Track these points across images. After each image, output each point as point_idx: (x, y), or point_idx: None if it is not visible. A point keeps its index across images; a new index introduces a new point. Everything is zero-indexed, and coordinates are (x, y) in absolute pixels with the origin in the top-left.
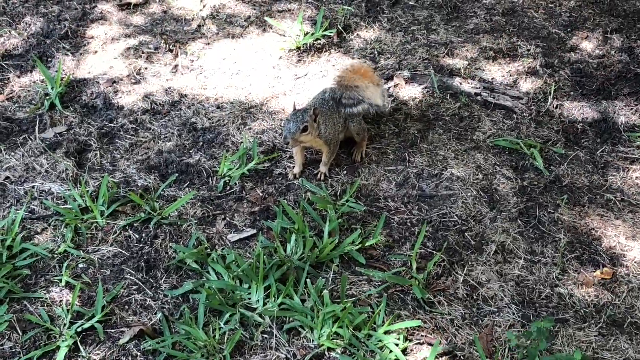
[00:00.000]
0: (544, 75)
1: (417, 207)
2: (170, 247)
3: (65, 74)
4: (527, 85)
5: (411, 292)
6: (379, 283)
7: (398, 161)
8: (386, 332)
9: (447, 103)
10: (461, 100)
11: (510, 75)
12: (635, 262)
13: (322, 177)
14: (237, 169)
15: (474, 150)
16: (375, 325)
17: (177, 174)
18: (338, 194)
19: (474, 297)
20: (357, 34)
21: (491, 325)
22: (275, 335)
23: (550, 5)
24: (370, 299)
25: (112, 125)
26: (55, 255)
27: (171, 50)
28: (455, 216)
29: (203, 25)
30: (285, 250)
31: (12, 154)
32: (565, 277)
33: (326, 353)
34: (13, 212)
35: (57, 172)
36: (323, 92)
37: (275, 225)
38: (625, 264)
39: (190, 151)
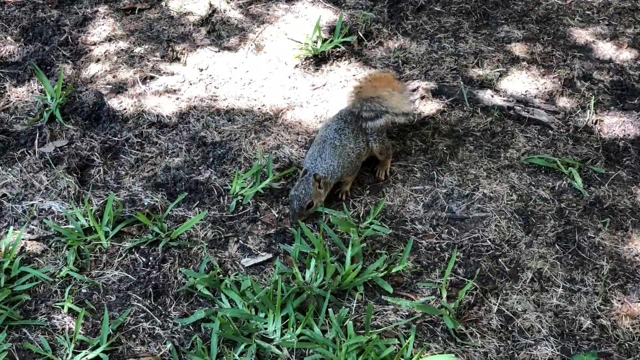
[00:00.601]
0: (582, 87)
1: (446, 230)
2: (180, 271)
3: (66, 84)
4: (563, 98)
5: (441, 322)
6: (407, 313)
7: (426, 180)
8: None
9: (478, 117)
10: (493, 114)
11: (546, 88)
12: None
13: (344, 197)
14: (250, 187)
15: (507, 168)
16: (403, 359)
17: (186, 193)
18: (361, 215)
19: (509, 328)
20: (380, 42)
21: None
22: None
23: (587, 12)
24: (397, 330)
25: (116, 139)
26: (56, 280)
27: (179, 59)
28: (488, 240)
29: (212, 32)
30: (304, 277)
31: (10, 169)
32: (608, 308)
33: None
34: (11, 233)
35: (57, 189)
36: (338, 116)
37: (293, 249)
38: None
39: (200, 168)
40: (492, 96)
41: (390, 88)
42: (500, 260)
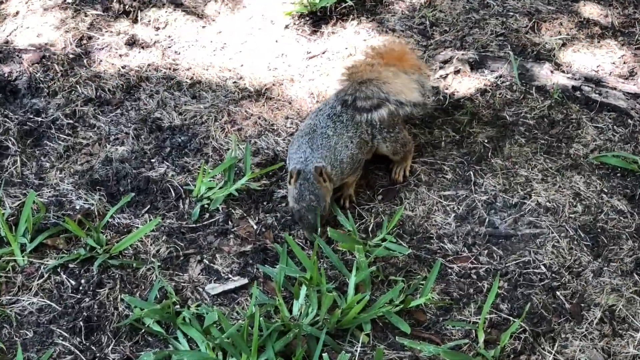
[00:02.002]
0: None
1: (486, 251)
2: (122, 300)
3: None
4: None
5: None
6: None
7: (459, 183)
8: None
9: (532, 100)
10: (553, 96)
11: (625, 63)
12: None
13: (347, 204)
14: (220, 188)
15: (570, 169)
16: None
17: (132, 194)
18: (371, 229)
19: None
20: None
21: None
22: None
23: None
24: None
25: (40, 119)
26: None
27: (127, 14)
28: (542, 266)
29: None
30: (290, 311)
31: None
32: None
33: None
34: None
35: None
36: (332, 99)
37: (277, 272)
38: None
39: (152, 160)
40: (552, 72)
41: (395, 67)
42: (558, 293)
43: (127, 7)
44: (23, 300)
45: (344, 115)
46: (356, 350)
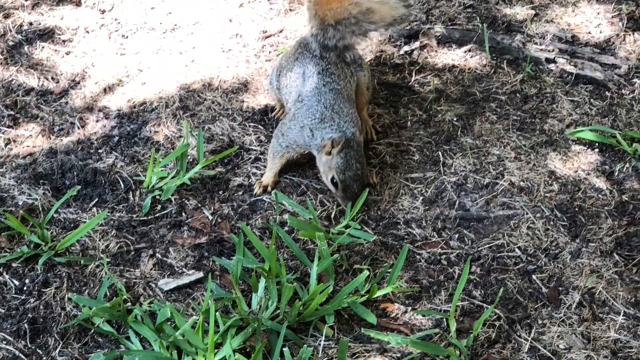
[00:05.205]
0: None
1: (457, 235)
2: (70, 299)
3: None
4: (626, 46)
5: None
6: (399, 354)
7: (427, 165)
8: None
9: (504, 75)
10: (525, 69)
11: (601, 32)
12: None
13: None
14: (172, 178)
15: (545, 146)
16: None
17: (79, 187)
18: (333, 216)
19: None
20: None
21: None
22: None
23: None
24: None
25: None
26: None
27: None
28: (516, 249)
29: None
30: (249, 304)
31: None
32: None
33: None
34: None
35: None
36: (310, 53)
37: (234, 264)
38: None
39: (100, 151)
40: (524, 44)
41: None
42: (534, 277)
43: None
44: None
45: (332, 66)
46: (319, 344)
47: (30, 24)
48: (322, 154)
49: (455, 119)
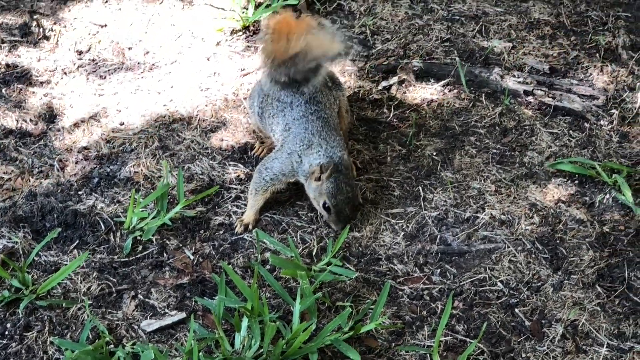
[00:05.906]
0: (629, 61)
1: (439, 270)
2: (52, 342)
3: None
4: (603, 77)
5: None
6: None
7: (408, 200)
8: None
9: (482, 108)
10: (504, 102)
11: (578, 63)
12: None
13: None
14: (153, 218)
15: (525, 179)
16: None
17: (59, 229)
18: (315, 253)
19: None
20: (339, 4)
21: None
22: None
23: None
24: None
25: None
26: None
27: (47, 38)
28: (499, 283)
29: None
30: (232, 344)
31: None
32: None
33: None
34: None
35: None
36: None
37: (216, 304)
38: None
39: (80, 192)
40: (502, 77)
41: (302, 30)
42: (517, 310)
43: (47, 31)
44: None
45: (321, 89)
46: None
47: (7, 65)
48: (311, 180)
49: (434, 154)
